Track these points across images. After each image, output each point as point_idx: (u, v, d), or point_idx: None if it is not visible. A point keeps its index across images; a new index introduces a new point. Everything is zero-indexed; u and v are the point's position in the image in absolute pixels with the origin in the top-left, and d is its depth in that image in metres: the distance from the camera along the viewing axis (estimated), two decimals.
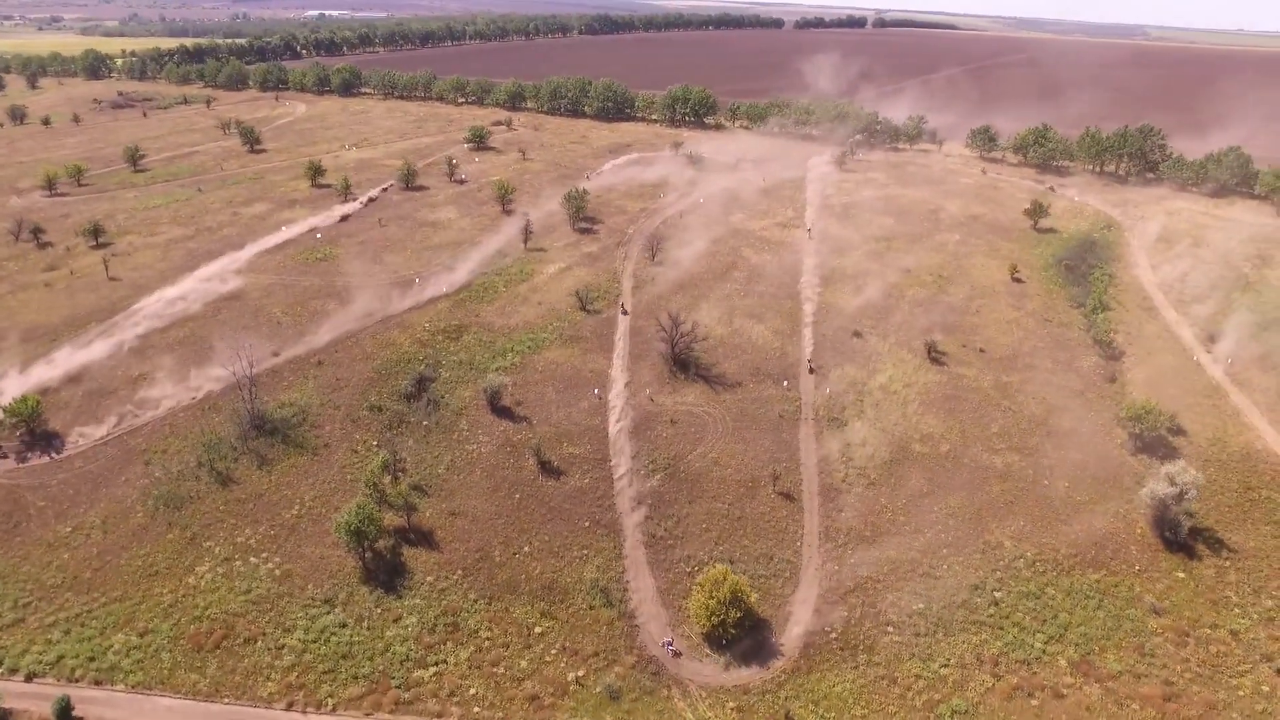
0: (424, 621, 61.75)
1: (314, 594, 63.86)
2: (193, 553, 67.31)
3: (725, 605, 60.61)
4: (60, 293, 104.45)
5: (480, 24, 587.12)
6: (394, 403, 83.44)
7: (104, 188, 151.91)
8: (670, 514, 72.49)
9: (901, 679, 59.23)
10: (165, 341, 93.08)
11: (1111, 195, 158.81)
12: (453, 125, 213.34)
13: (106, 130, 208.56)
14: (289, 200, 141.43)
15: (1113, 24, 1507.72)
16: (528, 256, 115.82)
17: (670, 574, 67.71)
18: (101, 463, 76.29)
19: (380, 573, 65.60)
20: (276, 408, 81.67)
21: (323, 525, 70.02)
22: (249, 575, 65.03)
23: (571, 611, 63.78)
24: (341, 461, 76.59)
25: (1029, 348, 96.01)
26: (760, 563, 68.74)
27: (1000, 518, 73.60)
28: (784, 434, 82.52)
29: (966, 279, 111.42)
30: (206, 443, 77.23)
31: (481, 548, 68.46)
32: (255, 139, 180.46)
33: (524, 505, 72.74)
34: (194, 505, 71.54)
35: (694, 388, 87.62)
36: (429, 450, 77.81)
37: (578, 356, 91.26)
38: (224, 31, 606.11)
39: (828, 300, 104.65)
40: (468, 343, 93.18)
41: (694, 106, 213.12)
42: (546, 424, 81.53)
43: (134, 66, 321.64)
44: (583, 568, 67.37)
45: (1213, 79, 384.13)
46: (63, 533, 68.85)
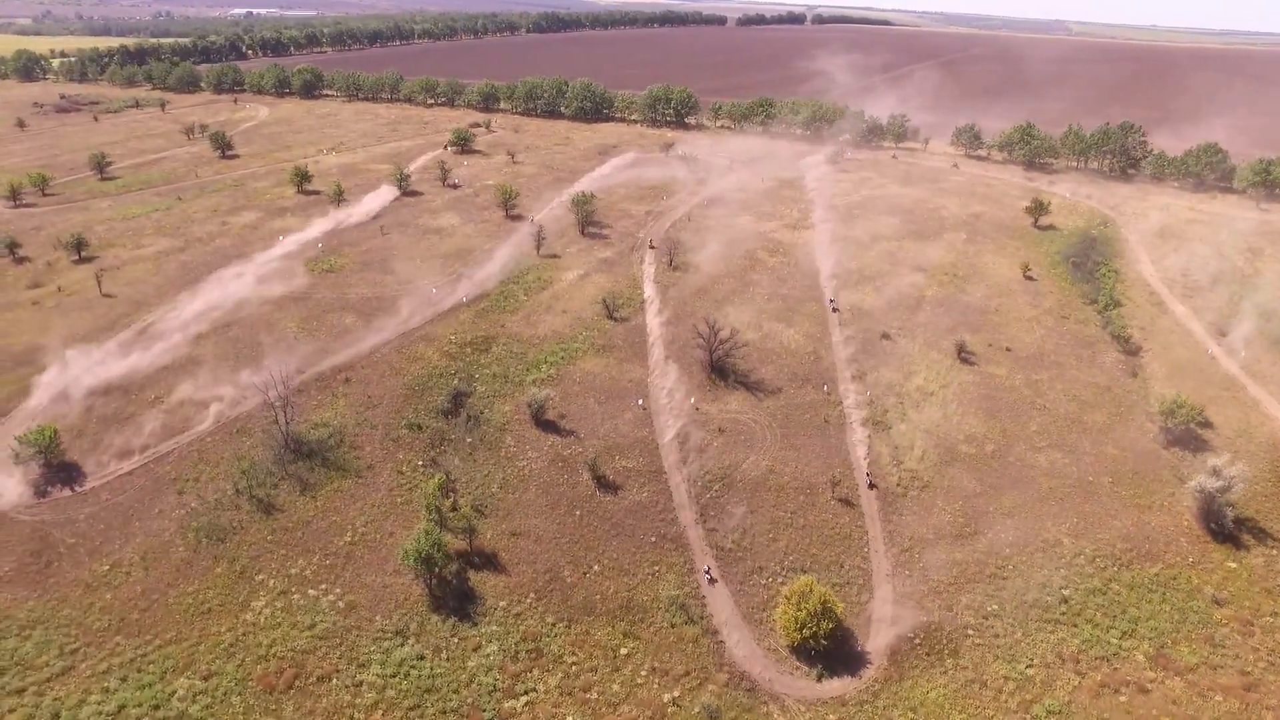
0: (505, 649, 59.50)
1: (384, 626, 60.92)
2: (245, 587, 63.52)
3: (816, 617, 60.24)
4: (51, 312, 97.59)
5: (429, 23, 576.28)
6: (432, 420, 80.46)
7: (72, 197, 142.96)
8: (735, 525, 71.62)
9: (991, 681, 59.66)
10: (179, 362, 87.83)
11: (1099, 192, 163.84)
12: (429, 128, 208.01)
13: (57, 136, 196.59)
14: (278, 208, 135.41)
15: (1034, 19, 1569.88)
16: (542, 263, 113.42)
17: (744, 586, 66.89)
18: (130, 494, 71.43)
19: (449, 599, 63.01)
20: (310, 429, 77.87)
21: (379, 552, 66.99)
22: (310, 609, 61.66)
23: (653, 630, 62.36)
24: (388, 484, 73.39)
25: (1052, 345, 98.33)
26: (832, 571, 68.47)
27: (1054, 515, 74.92)
28: (831, 439, 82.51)
29: (981, 278, 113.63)
30: (242, 469, 73.16)
31: (550, 568, 66.42)
32: (226, 144, 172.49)
33: (585, 523, 70.91)
34: (238, 536, 67.57)
35: (735, 395, 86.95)
36: (478, 469, 75.20)
37: (614, 366, 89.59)
38: (150, 30, 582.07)
39: (851, 302, 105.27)
40: (498, 354, 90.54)
41: (676, 107, 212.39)
42: (594, 437, 79.72)
43: (72, 68, 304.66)
44: (656, 585, 65.97)
45: (1163, 74, 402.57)
46: (100, 571, 64.18)
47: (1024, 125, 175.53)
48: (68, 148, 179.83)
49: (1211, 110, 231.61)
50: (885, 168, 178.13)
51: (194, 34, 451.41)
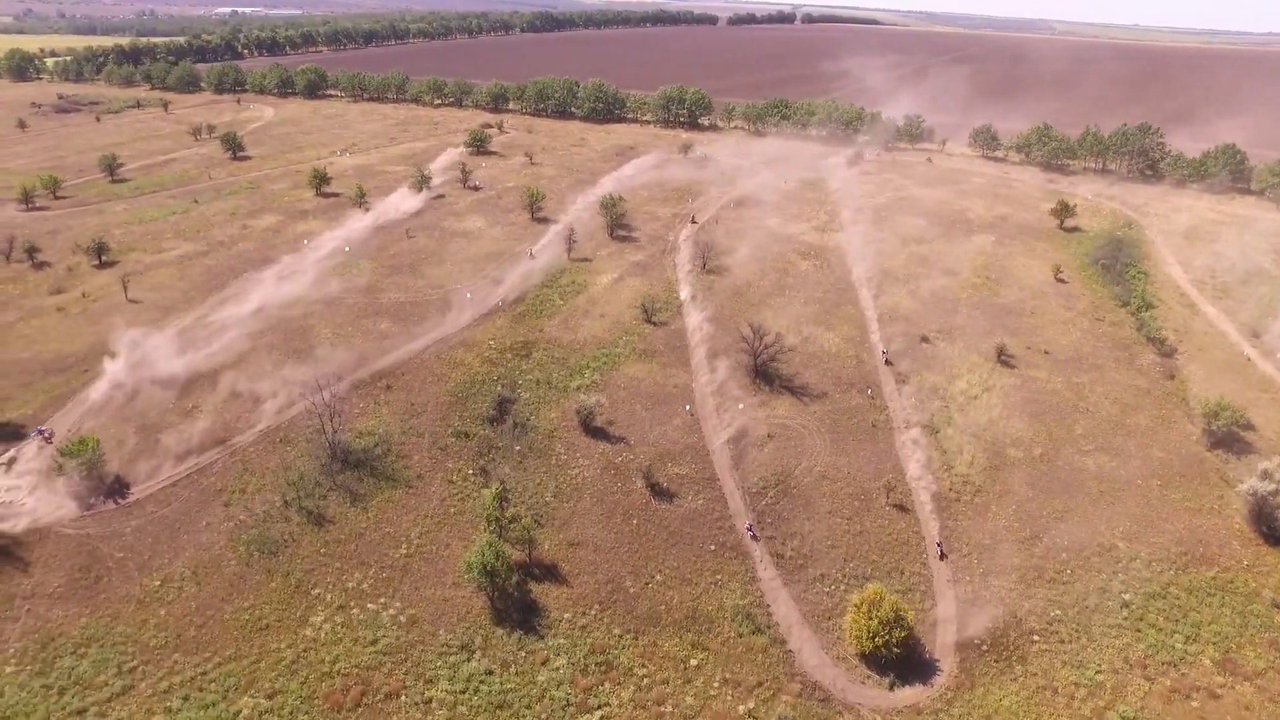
0: (574, 662, 58.52)
1: (448, 640, 59.78)
2: (302, 602, 62.21)
3: (888, 626, 59.73)
4: (78, 319, 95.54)
5: (424, 22, 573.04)
6: (479, 427, 79.30)
7: (85, 200, 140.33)
8: (792, 532, 70.99)
9: (1062, 688, 59.24)
10: (213, 369, 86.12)
11: (1119, 193, 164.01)
12: (439, 128, 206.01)
13: (60, 137, 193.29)
14: (298, 211, 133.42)
15: (1017, 18, 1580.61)
16: (574, 267, 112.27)
17: (807, 594, 66.25)
18: (176, 506, 69.88)
19: (512, 612, 61.94)
20: (355, 438, 76.52)
21: (436, 565, 65.85)
22: (371, 623, 60.44)
23: (721, 641, 61.56)
24: (440, 494, 72.19)
25: (1089, 348, 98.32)
26: (893, 577, 67.90)
27: (1106, 519, 74.71)
28: (880, 443, 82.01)
29: (1013, 280, 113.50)
30: (289, 479, 71.79)
31: (612, 579, 65.48)
32: (237, 145, 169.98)
33: (642, 531, 70.02)
34: (290, 549, 66.20)
35: (781, 400, 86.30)
36: (530, 477, 74.13)
37: (658, 371, 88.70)
38: (136, 29, 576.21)
39: (887, 305, 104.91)
40: (540, 360, 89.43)
41: (690, 107, 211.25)
42: (644, 444, 78.82)
43: (67, 68, 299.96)
44: (720, 594, 65.19)
45: (1161, 74, 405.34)
46: (151, 586, 62.68)
47: (1041, 126, 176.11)
48: (73, 149, 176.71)
49: (1218, 110, 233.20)
50: (906, 169, 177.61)
51: (183, 33, 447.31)
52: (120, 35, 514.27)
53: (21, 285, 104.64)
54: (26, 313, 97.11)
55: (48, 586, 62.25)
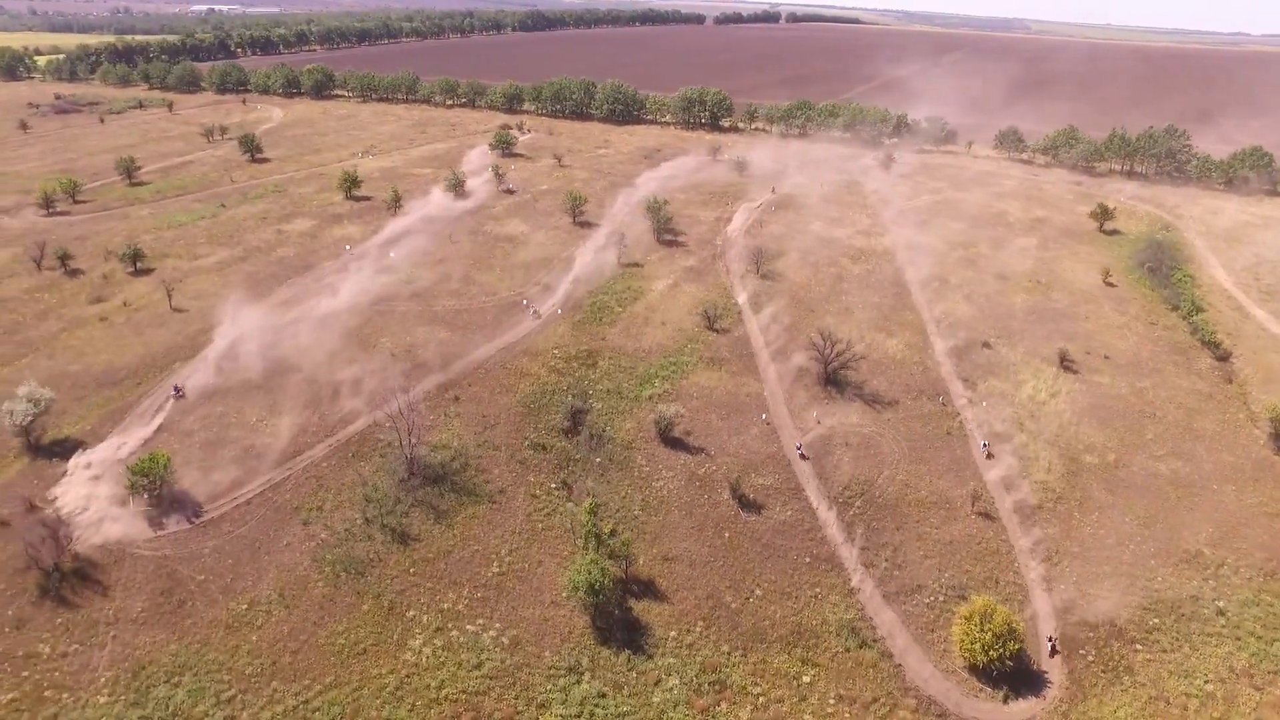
0: (686, 681, 57.07)
1: (554, 662, 58.10)
2: (397, 625, 60.23)
3: (1002, 639, 58.94)
4: (123, 329, 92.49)
5: (417, 21, 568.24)
6: (555, 439, 77.63)
7: (107, 204, 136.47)
8: (883, 543, 70.00)
9: (1174, 699, 58.64)
10: (273, 381, 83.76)
11: (1149, 195, 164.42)
12: (457, 130, 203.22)
13: (67, 139, 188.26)
14: (331, 215, 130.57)
15: (993, 18, 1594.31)
16: (626, 272, 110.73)
17: (907, 606, 65.33)
18: (252, 525, 67.58)
19: (615, 631, 60.41)
20: (429, 451, 74.55)
21: (531, 583, 64.09)
22: (473, 646, 58.59)
23: (830, 656, 60.38)
24: (525, 509, 70.44)
25: (1148, 352, 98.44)
26: (988, 587, 67.02)
27: (1188, 526, 74.44)
28: (956, 451, 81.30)
29: (1063, 285, 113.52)
30: (366, 495, 69.75)
31: (711, 594, 64.11)
32: (256, 147, 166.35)
33: (735, 545, 68.74)
34: (377, 569, 64.16)
35: (853, 407, 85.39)
36: (614, 491, 72.56)
37: (728, 379, 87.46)
38: (114, 27, 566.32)
39: (944, 310, 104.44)
40: (606, 369, 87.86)
41: (711, 109, 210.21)
42: (724, 454, 77.57)
43: (60, 67, 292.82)
44: (821, 607, 64.04)
45: (1158, 76, 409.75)
46: (238, 610, 60.41)
47: (1068, 129, 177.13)
48: (82, 151, 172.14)
49: (1233, 111, 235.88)
50: (938, 171, 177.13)
51: (164, 30, 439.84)
52: (97, 33, 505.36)
53: (58, 294, 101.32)
54: (69, 323, 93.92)
55: (130, 611, 59.85)
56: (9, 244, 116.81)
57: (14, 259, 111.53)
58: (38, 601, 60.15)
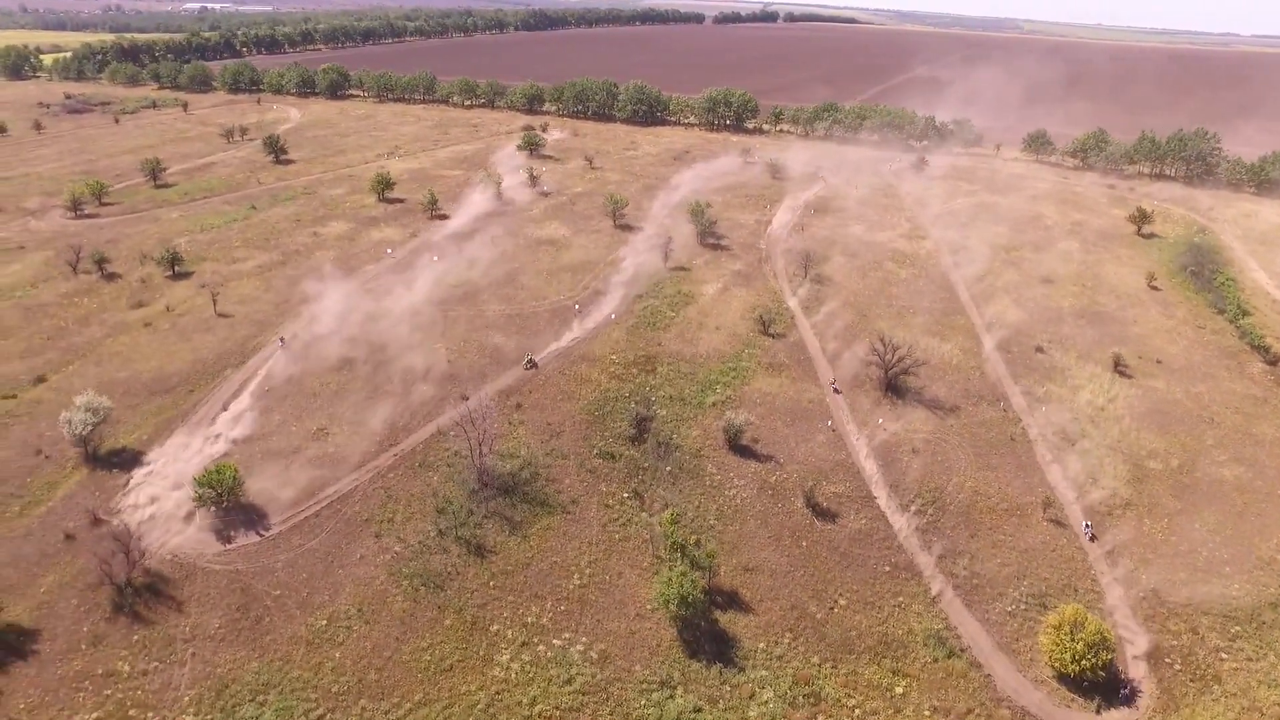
0: (780, 694, 56.24)
1: (645, 676, 57.12)
2: (481, 640, 59.16)
3: (1094, 648, 58.39)
4: (169, 334, 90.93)
5: (420, 21, 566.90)
6: (622, 447, 76.64)
7: (135, 206, 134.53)
8: (960, 550, 69.31)
9: (1266, 709, 58.06)
10: (329, 389, 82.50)
11: (1183, 198, 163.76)
12: (481, 131, 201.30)
13: (83, 140, 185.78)
14: (366, 218, 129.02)
15: (986, 17, 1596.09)
16: (674, 276, 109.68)
17: (988, 614, 64.68)
18: (324, 538, 66.34)
19: (703, 643, 59.57)
20: (497, 460, 73.47)
21: (613, 595, 63.13)
22: (561, 661, 57.60)
23: (919, 666, 59.64)
24: (599, 519, 69.43)
25: (1199, 357, 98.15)
26: (1067, 595, 66.35)
27: (1259, 532, 73.91)
28: (1022, 457, 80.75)
29: (1109, 288, 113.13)
30: (438, 507, 68.62)
31: (795, 605, 63.31)
32: (280, 148, 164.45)
33: (813, 554, 67.95)
34: (456, 583, 63.06)
35: (916, 413, 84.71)
36: (688, 500, 71.62)
37: (789, 385, 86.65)
38: (108, 25, 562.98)
39: (994, 314, 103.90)
40: (666, 375, 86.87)
41: (736, 110, 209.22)
42: (793, 462, 76.76)
43: (68, 66, 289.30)
44: (906, 617, 63.32)
45: (1166, 76, 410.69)
46: (318, 626, 59.23)
47: (1097, 131, 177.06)
48: (101, 152, 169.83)
49: (1249, 114, 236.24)
50: (969, 174, 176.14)
51: (159, 29, 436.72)
52: (92, 31, 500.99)
53: (97, 298, 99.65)
54: (111, 329, 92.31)
55: (207, 628, 58.60)
56: (41, 247, 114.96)
57: (47, 263, 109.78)
58: (112, 617, 58.92)
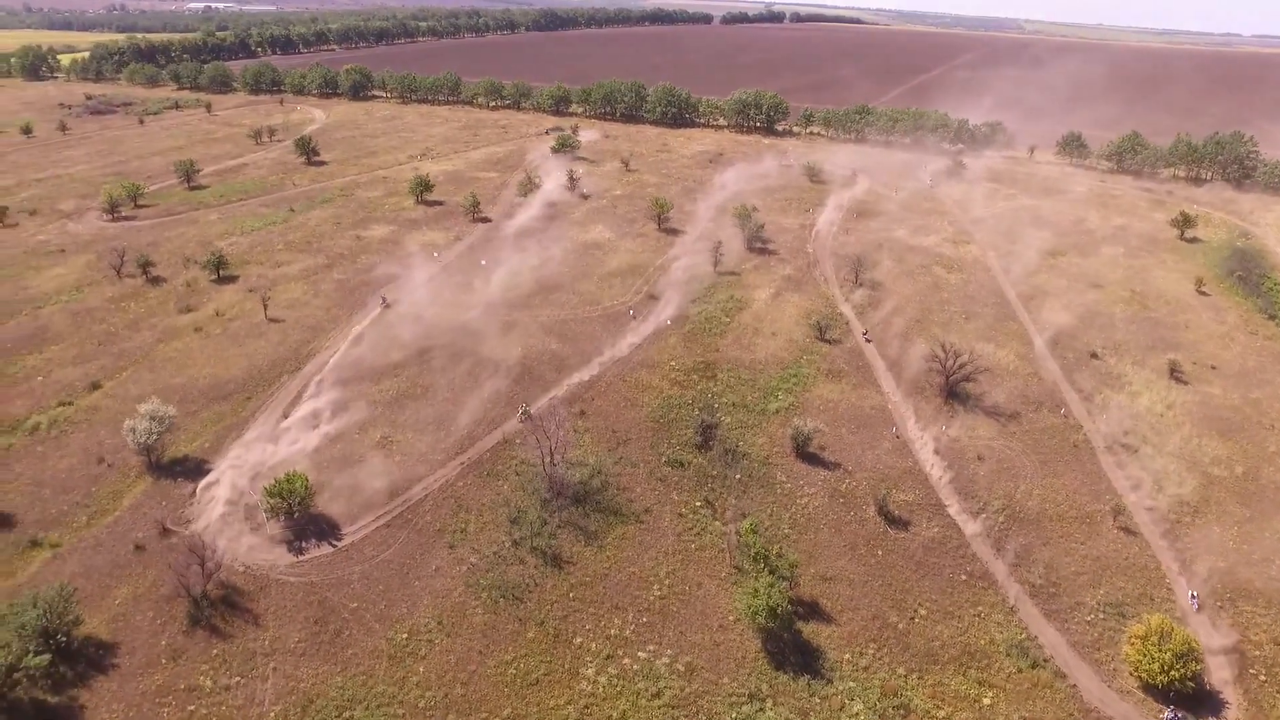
0: (870, 706, 55.66)
1: (734, 689, 56.56)
2: (565, 652, 58.58)
3: (1183, 658, 57.83)
4: (221, 340, 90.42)
5: (433, 21, 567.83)
6: (690, 455, 76.10)
7: (172, 208, 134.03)
8: (1034, 559, 68.68)
9: None
10: (390, 396, 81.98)
11: (1221, 201, 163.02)
12: (510, 132, 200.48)
13: (110, 141, 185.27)
14: (406, 220, 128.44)
15: (986, 17, 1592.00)
16: (725, 281, 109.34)
17: (1067, 623, 64.07)
18: (397, 549, 65.80)
19: (789, 654, 59.02)
20: (567, 469, 72.85)
21: (694, 606, 62.54)
22: (648, 674, 57.00)
23: (1004, 677, 59.07)
24: (673, 529, 68.85)
25: (1254, 363, 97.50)
26: (1144, 604, 65.77)
27: None
28: (1086, 464, 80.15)
29: (1158, 294, 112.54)
30: (511, 517, 68.06)
31: (876, 614, 62.72)
32: (313, 150, 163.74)
33: (889, 563, 67.36)
34: (535, 594, 62.51)
35: (978, 420, 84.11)
36: (761, 508, 71.06)
37: (850, 392, 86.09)
38: (116, 24, 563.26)
39: (1047, 320, 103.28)
40: (728, 381, 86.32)
41: (767, 112, 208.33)
42: (861, 469, 76.20)
43: (86, 66, 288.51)
44: (986, 626, 62.69)
45: (1178, 76, 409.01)
46: (399, 640, 58.68)
47: (1132, 134, 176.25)
48: (131, 154, 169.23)
49: (1268, 115, 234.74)
50: (1005, 177, 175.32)
51: (165, 28, 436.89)
52: (98, 30, 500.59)
53: (144, 302, 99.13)
54: (163, 334, 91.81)
55: (287, 641, 58.05)
56: (82, 250, 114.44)
57: (90, 266, 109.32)
58: (189, 630, 58.46)
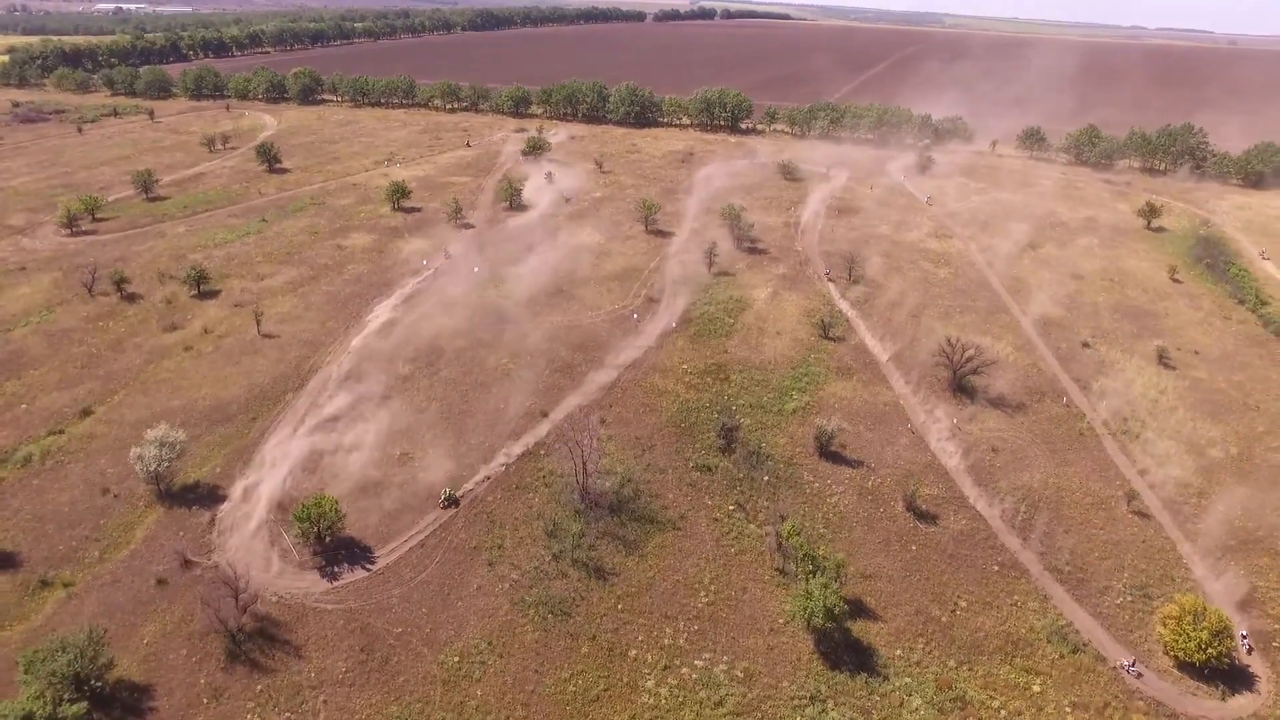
0: (928, 701, 56.36)
1: (794, 692, 56.56)
2: (622, 665, 57.66)
3: (1219, 636, 60.27)
4: (215, 359, 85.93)
5: (369, 22, 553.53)
6: (715, 459, 75.84)
7: (135, 221, 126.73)
8: (1059, 546, 70.62)
9: None
10: (403, 409, 79.25)
11: (1178, 192, 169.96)
12: (474, 135, 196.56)
13: (50, 151, 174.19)
14: (387, 228, 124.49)
15: (909, 11, 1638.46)
16: (721, 282, 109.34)
17: (1098, 608, 66.10)
18: (434, 569, 63.71)
19: (841, 654, 59.32)
20: (596, 478, 71.67)
21: (742, 611, 62.33)
22: (707, 682, 56.57)
23: (1048, 663, 60.62)
24: (710, 534, 68.45)
25: (1232, 346, 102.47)
26: (1167, 585, 68.45)
27: None
28: (1093, 450, 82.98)
29: (1135, 283, 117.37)
30: (548, 530, 66.60)
31: (919, 609, 63.56)
32: (274, 157, 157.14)
33: (923, 557, 68.36)
34: (582, 608, 61.37)
35: (987, 412, 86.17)
36: (793, 509, 71.30)
37: (862, 389, 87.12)
38: (22, 26, 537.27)
39: (1037, 312, 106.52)
40: (740, 383, 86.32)
41: (731, 111, 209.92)
42: (883, 466, 77.19)
43: (9, 72, 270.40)
44: (1024, 615, 64.16)
45: (1116, 70, 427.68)
46: (451, 663, 56.81)
47: (1089, 128, 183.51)
48: (75, 164, 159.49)
49: (1202, 107, 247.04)
50: (973, 172, 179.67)
51: (76, 30, 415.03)
52: (2, 33, 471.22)
53: (123, 321, 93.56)
54: (150, 354, 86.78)
55: (334, 672, 55.60)
56: (44, 268, 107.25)
57: (57, 284, 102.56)
58: (228, 667, 55.47)
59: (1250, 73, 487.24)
